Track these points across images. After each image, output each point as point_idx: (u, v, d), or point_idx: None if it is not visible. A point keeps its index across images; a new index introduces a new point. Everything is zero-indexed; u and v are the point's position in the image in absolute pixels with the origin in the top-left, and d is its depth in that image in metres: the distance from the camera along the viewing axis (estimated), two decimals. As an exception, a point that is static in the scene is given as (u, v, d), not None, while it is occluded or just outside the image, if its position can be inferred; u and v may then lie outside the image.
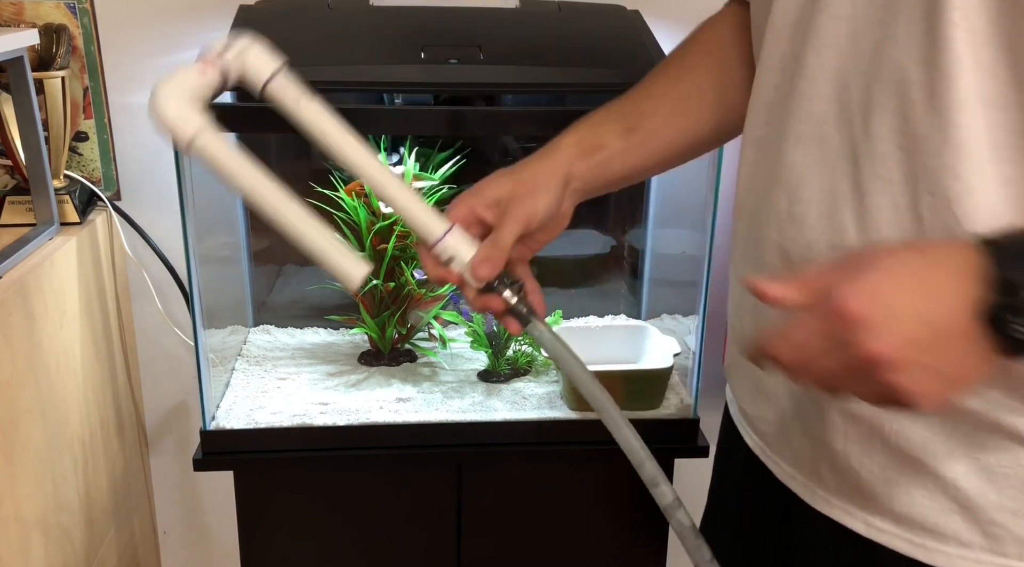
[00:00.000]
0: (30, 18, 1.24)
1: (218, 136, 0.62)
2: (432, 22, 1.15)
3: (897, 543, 0.62)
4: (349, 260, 0.64)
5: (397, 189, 0.68)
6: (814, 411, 0.65)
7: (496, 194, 0.68)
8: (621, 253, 1.43)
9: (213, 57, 0.64)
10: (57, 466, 1.15)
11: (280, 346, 1.33)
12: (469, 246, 0.67)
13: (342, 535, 1.19)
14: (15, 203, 1.23)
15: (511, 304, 0.68)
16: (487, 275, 0.66)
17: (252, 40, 0.65)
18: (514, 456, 1.15)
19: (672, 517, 0.66)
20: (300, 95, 0.64)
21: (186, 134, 0.61)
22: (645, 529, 1.23)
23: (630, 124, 0.74)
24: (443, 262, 0.68)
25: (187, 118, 0.61)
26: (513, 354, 1.24)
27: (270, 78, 0.64)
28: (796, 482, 0.69)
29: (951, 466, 0.59)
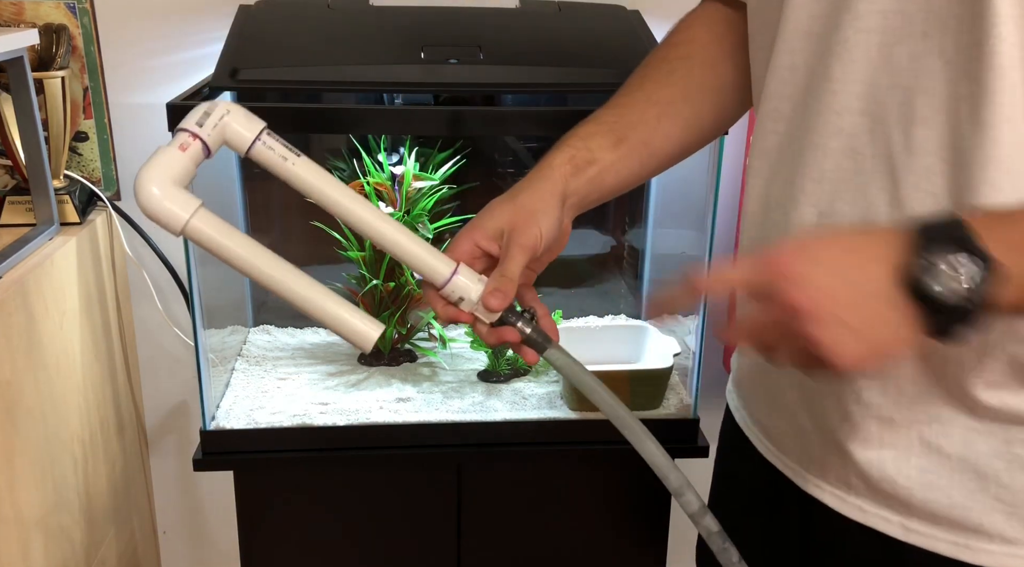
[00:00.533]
0: (30, 18, 1.24)
1: (209, 217, 0.62)
2: (432, 22, 1.15)
3: (939, 546, 0.62)
4: (362, 321, 0.64)
5: (398, 235, 0.66)
6: (841, 423, 0.65)
7: (497, 225, 0.68)
8: (621, 253, 1.43)
9: (192, 129, 0.62)
10: (57, 466, 1.15)
11: (280, 346, 1.33)
12: (477, 283, 0.66)
13: (342, 535, 1.19)
14: (15, 203, 1.23)
15: (526, 334, 0.67)
16: (499, 306, 0.65)
17: (229, 106, 0.63)
18: (514, 456, 1.15)
19: (699, 524, 0.66)
20: (287, 154, 0.63)
21: (178, 224, 0.61)
22: (645, 529, 1.23)
23: (618, 136, 0.74)
24: (453, 302, 0.67)
25: (175, 207, 0.60)
26: (513, 354, 1.24)
27: (253, 142, 0.63)
28: (823, 491, 0.69)
29: (991, 463, 0.60)
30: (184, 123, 0.62)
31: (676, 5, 0.82)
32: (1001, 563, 0.61)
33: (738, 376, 0.80)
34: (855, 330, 0.51)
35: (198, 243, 0.62)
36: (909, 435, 0.62)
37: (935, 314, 0.50)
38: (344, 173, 1.24)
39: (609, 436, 1.15)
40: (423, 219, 1.20)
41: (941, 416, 0.61)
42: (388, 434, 1.12)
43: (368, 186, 1.18)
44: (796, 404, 0.69)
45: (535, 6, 1.22)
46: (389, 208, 1.18)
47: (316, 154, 1.29)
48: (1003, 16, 0.52)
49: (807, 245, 0.53)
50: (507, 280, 0.65)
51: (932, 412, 0.61)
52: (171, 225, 0.61)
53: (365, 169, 1.19)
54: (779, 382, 0.70)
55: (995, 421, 0.59)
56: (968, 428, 0.60)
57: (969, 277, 0.49)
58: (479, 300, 0.66)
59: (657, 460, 0.64)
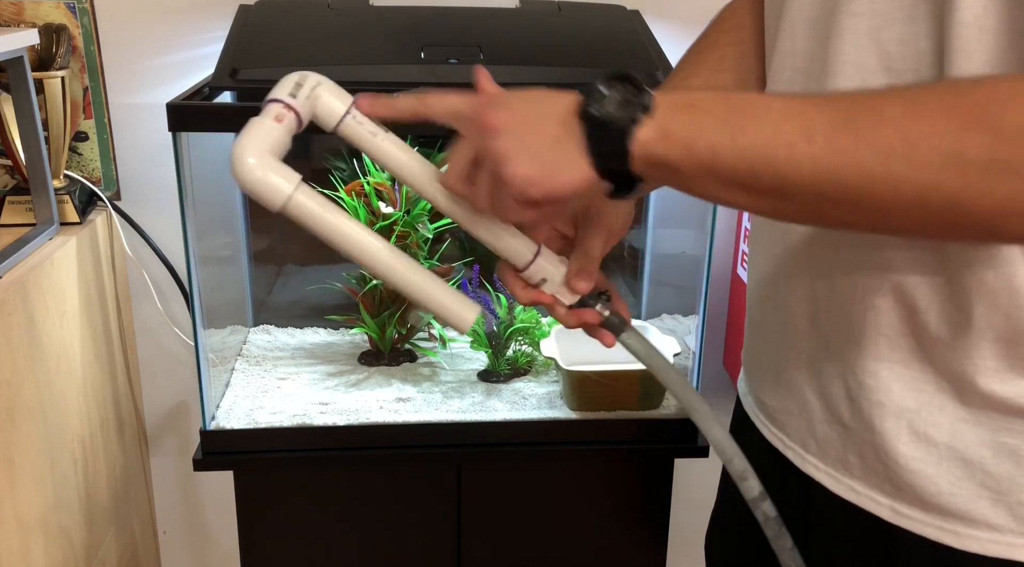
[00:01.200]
0: (30, 18, 1.24)
1: (309, 192, 0.59)
2: (432, 22, 1.15)
3: (926, 530, 0.63)
4: (461, 303, 0.64)
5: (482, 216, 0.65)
6: (844, 402, 0.66)
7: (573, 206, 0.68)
8: (621, 253, 1.43)
9: (286, 100, 0.59)
10: (57, 466, 1.15)
11: (280, 346, 1.33)
12: (558, 264, 0.66)
13: (342, 535, 1.19)
14: (15, 203, 1.23)
15: (605, 316, 0.67)
16: (586, 288, 0.66)
17: (320, 78, 0.62)
18: (514, 456, 1.15)
19: (758, 508, 0.67)
20: (376, 131, 0.62)
21: (280, 199, 0.58)
22: (645, 529, 1.23)
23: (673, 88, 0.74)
24: (534, 284, 0.67)
25: (279, 179, 0.58)
26: (513, 354, 1.24)
27: (343, 116, 0.61)
28: (820, 471, 0.70)
29: (979, 451, 0.60)
30: (276, 93, 0.60)
31: (676, 5, 0.82)
32: (987, 550, 0.61)
33: (748, 360, 0.81)
34: (530, 149, 0.55)
35: (298, 219, 0.59)
36: (900, 421, 0.63)
37: (591, 139, 0.55)
38: (344, 173, 1.24)
39: (609, 436, 1.16)
40: (423, 219, 1.20)
41: (930, 403, 0.61)
42: (388, 434, 1.12)
43: (368, 186, 1.18)
44: (803, 381, 0.70)
45: (535, 6, 1.22)
46: (389, 208, 1.18)
47: (316, 154, 1.29)
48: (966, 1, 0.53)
49: (507, 90, 0.59)
50: (591, 260, 0.66)
51: (922, 399, 0.62)
52: (273, 200, 0.58)
53: (365, 169, 1.19)
54: (788, 359, 0.71)
55: (983, 410, 0.60)
56: (956, 416, 0.61)
57: (624, 108, 0.54)
58: (563, 282, 0.66)
59: (723, 444, 0.66)
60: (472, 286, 1.21)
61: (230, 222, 1.31)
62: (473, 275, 1.21)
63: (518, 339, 1.24)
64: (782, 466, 0.74)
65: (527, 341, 1.24)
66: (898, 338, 0.61)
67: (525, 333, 1.23)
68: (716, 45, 0.79)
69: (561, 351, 1.19)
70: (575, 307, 0.67)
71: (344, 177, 1.21)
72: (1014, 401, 0.59)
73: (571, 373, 1.14)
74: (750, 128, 0.51)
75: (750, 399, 0.81)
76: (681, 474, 1.23)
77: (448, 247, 1.27)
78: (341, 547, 1.19)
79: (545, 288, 0.67)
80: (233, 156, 0.57)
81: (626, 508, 1.22)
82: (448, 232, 1.25)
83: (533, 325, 1.23)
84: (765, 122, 0.51)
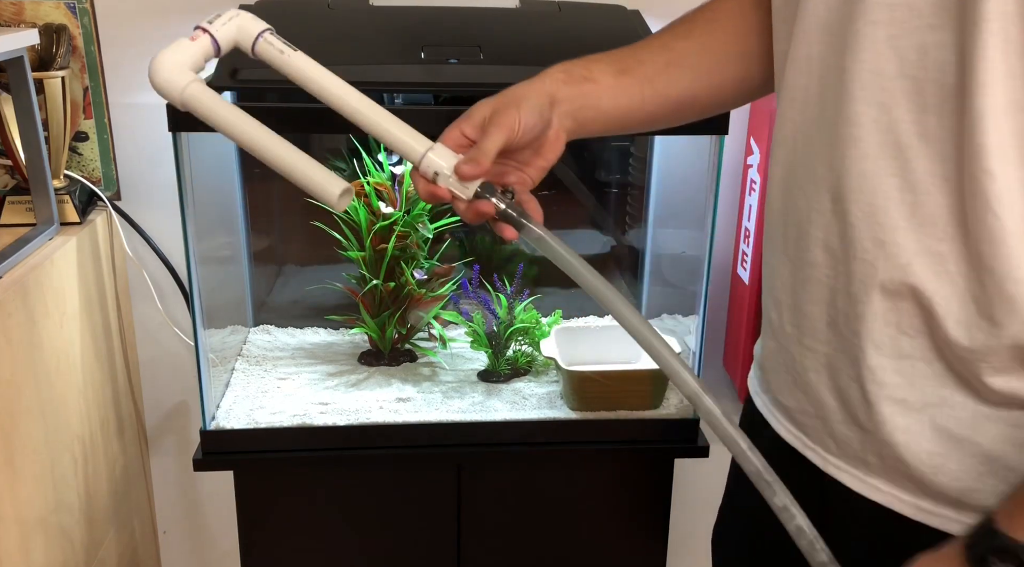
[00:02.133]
0: (30, 18, 1.24)
1: (205, 88, 0.71)
2: (432, 22, 1.15)
3: (950, 526, 0.64)
4: (329, 178, 0.70)
5: (381, 117, 0.71)
6: (863, 405, 0.67)
7: (481, 114, 0.71)
8: (621, 253, 1.43)
9: (203, 25, 0.71)
10: (57, 466, 1.15)
11: (280, 346, 1.33)
12: (451, 158, 0.69)
13: (342, 535, 1.19)
14: (15, 203, 1.23)
15: (500, 209, 0.69)
16: (470, 172, 0.68)
17: (238, 11, 0.73)
18: (514, 456, 1.15)
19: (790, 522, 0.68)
20: (284, 48, 0.72)
21: (177, 88, 0.70)
22: (645, 529, 1.23)
23: (622, 67, 0.76)
24: (430, 179, 0.70)
25: (177, 76, 0.70)
26: (513, 354, 1.24)
27: (257, 37, 0.72)
28: (841, 471, 0.70)
29: (1001, 447, 0.61)
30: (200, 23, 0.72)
31: (676, 5, 0.82)
32: None
33: (761, 360, 0.81)
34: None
35: (194, 110, 0.71)
36: (921, 417, 0.64)
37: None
38: (344, 173, 1.24)
39: (609, 436, 1.16)
40: (423, 219, 1.20)
41: (952, 399, 0.62)
42: (388, 434, 1.12)
43: (368, 186, 1.18)
44: (820, 382, 0.70)
45: (535, 6, 1.22)
46: (389, 208, 1.18)
47: (316, 154, 1.29)
48: (994, 11, 0.54)
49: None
50: (480, 152, 0.68)
51: (943, 394, 0.62)
52: (171, 93, 0.70)
53: (365, 169, 1.19)
54: (804, 362, 0.72)
55: (1004, 406, 0.61)
56: (977, 412, 0.62)
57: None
58: (452, 172, 0.69)
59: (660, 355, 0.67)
60: (472, 286, 1.21)
61: (230, 222, 1.31)
62: (473, 275, 1.21)
63: (518, 339, 1.24)
64: (796, 464, 0.74)
65: (527, 341, 1.24)
66: (918, 337, 0.62)
67: (525, 333, 1.23)
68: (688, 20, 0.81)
69: (561, 351, 1.19)
70: (473, 200, 0.69)
71: (344, 177, 1.21)
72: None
73: (571, 373, 1.14)
74: None
75: (766, 399, 0.81)
76: (681, 474, 1.23)
77: (448, 247, 1.27)
78: (341, 547, 1.19)
79: (439, 181, 0.70)
80: (151, 64, 0.71)
81: (626, 508, 1.22)
82: (448, 232, 1.25)
83: (533, 325, 1.23)
84: None
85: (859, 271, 0.64)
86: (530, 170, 0.74)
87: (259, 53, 0.73)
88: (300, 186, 0.71)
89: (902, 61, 0.59)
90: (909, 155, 0.60)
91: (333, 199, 0.69)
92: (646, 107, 0.78)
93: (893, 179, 0.61)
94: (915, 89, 0.59)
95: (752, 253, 1.33)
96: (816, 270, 0.68)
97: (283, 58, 0.72)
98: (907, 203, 0.60)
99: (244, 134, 0.71)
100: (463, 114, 0.73)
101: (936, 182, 0.59)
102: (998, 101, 0.55)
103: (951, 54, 0.57)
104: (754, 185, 1.30)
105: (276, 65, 0.73)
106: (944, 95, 0.58)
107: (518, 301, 1.22)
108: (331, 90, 0.72)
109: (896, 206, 0.61)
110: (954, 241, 0.59)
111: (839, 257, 0.65)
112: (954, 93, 0.57)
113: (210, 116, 0.70)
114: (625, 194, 1.39)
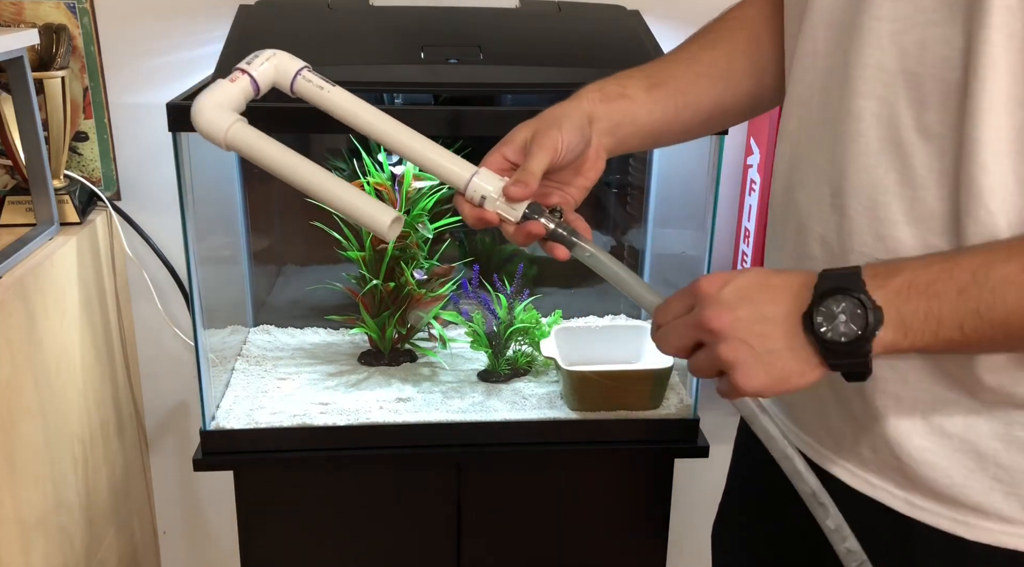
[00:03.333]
0: (30, 18, 1.24)
1: (250, 127, 0.71)
2: (432, 22, 1.15)
3: (941, 522, 0.64)
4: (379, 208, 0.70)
5: (424, 146, 0.71)
6: (858, 398, 0.67)
7: (523, 136, 0.70)
8: (621, 253, 1.43)
9: (242, 66, 0.72)
10: (57, 466, 1.15)
11: (280, 346, 1.33)
12: (498, 182, 0.69)
13: (342, 535, 1.19)
14: (15, 203, 1.23)
15: (551, 228, 0.69)
16: (519, 194, 0.67)
17: (275, 51, 0.74)
18: (514, 456, 1.15)
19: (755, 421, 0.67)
20: (323, 85, 0.72)
21: (221, 129, 0.70)
22: (645, 529, 1.23)
23: (655, 81, 0.76)
24: (477, 204, 0.69)
25: (220, 118, 0.70)
26: (513, 354, 1.24)
27: (296, 75, 0.72)
28: (835, 464, 0.71)
29: (991, 444, 0.61)
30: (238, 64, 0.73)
31: (676, 5, 0.83)
32: (999, 541, 0.62)
33: None
34: (761, 357, 0.57)
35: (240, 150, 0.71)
36: (913, 414, 0.64)
37: (828, 353, 0.56)
38: (344, 173, 1.24)
39: (609, 436, 1.16)
40: (423, 219, 1.20)
41: (944, 397, 0.63)
42: (388, 434, 1.12)
43: (368, 186, 1.18)
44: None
45: (535, 6, 1.22)
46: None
47: (316, 154, 1.29)
48: (999, 5, 0.54)
49: (729, 276, 0.59)
50: (527, 173, 0.68)
51: (935, 392, 0.63)
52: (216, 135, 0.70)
53: (365, 169, 1.19)
54: None
55: (995, 404, 0.61)
56: (969, 410, 0.62)
57: (855, 322, 0.55)
58: (500, 196, 0.68)
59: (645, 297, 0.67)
60: (472, 286, 1.21)
61: (230, 222, 1.31)
62: (473, 275, 1.21)
63: (518, 339, 1.24)
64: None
65: (527, 341, 1.24)
66: None
67: (525, 333, 1.23)
68: (712, 30, 0.81)
69: (561, 351, 1.19)
70: (522, 222, 0.69)
71: (344, 177, 1.21)
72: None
73: (571, 373, 1.14)
74: (989, 298, 0.53)
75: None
76: (681, 474, 1.23)
77: (448, 247, 1.27)
78: (341, 547, 1.19)
79: (487, 205, 0.69)
80: (192, 107, 0.71)
81: (626, 508, 1.22)
82: (448, 232, 1.25)
83: (533, 325, 1.23)
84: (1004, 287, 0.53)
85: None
86: (572, 190, 0.74)
87: (298, 91, 0.73)
88: (350, 218, 0.72)
89: (904, 56, 0.60)
90: (908, 150, 0.60)
91: (383, 228, 0.69)
92: (680, 119, 0.78)
93: (892, 174, 0.61)
94: (915, 84, 0.59)
95: (752, 253, 1.33)
96: (814, 264, 0.68)
97: (322, 94, 0.72)
98: (906, 198, 0.61)
99: (291, 170, 0.70)
100: (503, 139, 0.72)
101: (934, 177, 0.59)
102: (998, 97, 0.55)
103: (952, 50, 0.57)
104: (754, 185, 1.30)
105: (315, 101, 0.73)
106: (945, 91, 0.58)
107: (518, 301, 1.22)
108: (372, 123, 0.72)
109: (895, 201, 0.61)
110: (949, 236, 0.59)
111: (836, 252, 0.66)
112: (955, 89, 0.57)
113: (255, 155, 0.70)
114: (625, 194, 1.39)
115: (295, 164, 0.70)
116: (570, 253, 0.70)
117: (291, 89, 0.73)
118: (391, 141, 0.72)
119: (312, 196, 0.71)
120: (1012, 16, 0.54)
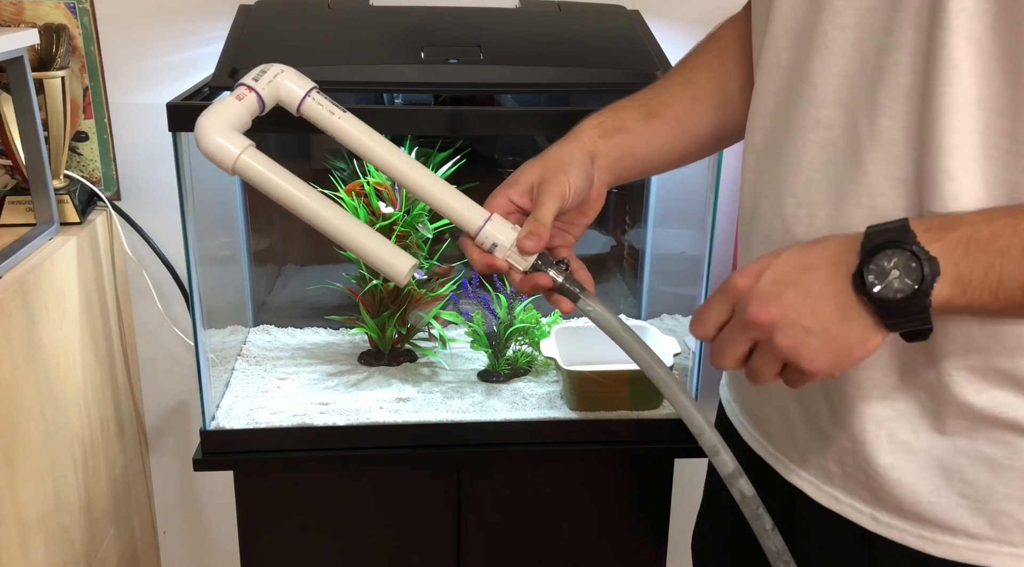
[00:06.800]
0: (30, 18, 1.24)
1: (257, 154, 0.67)
2: (432, 22, 1.15)
3: (906, 538, 0.64)
4: (397, 255, 0.68)
5: (435, 186, 0.70)
6: (826, 411, 0.67)
7: (528, 180, 0.70)
8: (621, 253, 1.43)
9: (248, 83, 0.68)
10: (57, 466, 1.15)
11: (280, 346, 1.33)
12: (510, 231, 0.69)
13: (342, 535, 1.19)
14: (15, 203, 1.23)
15: (558, 282, 0.69)
16: (533, 248, 0.67)
17: (283, 67, 0.70)
18: (514, 456, 1.15)
19: (733, 486, 0.68)
20: (333, 110, 0.69)
21: (229, 160, 0.66)
22: (645, 529, 1.23)
23: (651, 110, 0.76)
24: (487, 249, 0.69)
25: (229, 142, 0.66)
26: (513, 354, 1.24)
27: (304, 97, 0.69)
28: (802, 479, 0.70)
29: (957, 460, 0.61)
30: (242, 79, 0.69)
31: (676, 5, 0.83)
32: (965, 557, 0.62)
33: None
34: (819, 335, 0.55)
35: (248, 178, 0.67)
36: (880, 429, 0.63)
37: (884, 312, 0.53)
38: (344, 173, 1.24)
39: (609, 436, 1.16)
40: (423, 219, 1.20)
41: (909, 413, 0.62)
42: (388, 434, 1.12)
43: (368, 186, 1.18)
44: (785, 390, 0.70)
45: (535, 6, 1.22)
46: (389, 208, 1.18)
47: (316, 154, 1.30)
48: (955, 8, 0.53)
49: (762, 264, 0.57)
50: (539, 224, 0.67)
51: (902, 408, 0.62)
52: (224, 161, 0.66)
53: (365, 169, 1.19)
54: None
55: (960, 419, 0.60)
56: (934, 426, 0.61)
57: (909, 276, 0.52)
58: (512, 245, 0.68)
59: (694, 419, 0.66)
60: (472, 286, 1.21)
61: (230, 222, 1.31)
62: (473, 275, 1.21)
63: (518, 339, 1.24)
64: (766, 474, 0.74)
65: (527, 341, 1.24)
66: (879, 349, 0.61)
67: (525, 333, 1.23)
68: (702, 50, 0.81)
69: (561, 351, 1.19)
70: (530, 272, 0.69)
71: (344, 177, 1.21)
72: (989, 411, 0.59)
73: (571, 373, 1.14)
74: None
75: (735, 406, 0.81)
76: (681, 474, 1.23)
77: (448, 247, 1.27)
78: (341, 547, 1.19)
79: (497, 252, 0.69)
80: (196, 126, 0.66)
81: (626, 508, 1.22)
82: (448, 232, 1.25)
83: (533, 325, 1.23)
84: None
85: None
86: (574, 229, 0.74)
87: (305, 112, 0.70)
88: (365, 261, 0.69)
89: (863, 64, 0.59)
90: (864, 159, 0.60)
91: (401, 276, 0.68)
92: (678, 146, 0.78)
93: (851, 184, 0.60)
94: (870, 91, 0.59)
95: (752, 253, 1.33)
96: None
97: (332, 119, 0.69)
98: (865, 206, 0.60)
99: (305, 207, 0.67)
100: (507, 180, 0.72)
101: (892, 184, 0.59)
102: (960, 100, 0.54)
103: (905, 54, 0.57)
104: (754, 185, 1.30)
105: (323, 125, 0.70)
106: (897, 96, 0.57)
107: (518, 301, 1.23)
108: (383, 156, 0.70)
109: (856, 210, 0.60)
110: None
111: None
112: (908, 93, 0.57)
113: (267, 187, 0.67)
114: (625, 194, 1.39)
115: (310, 201, 0.67)
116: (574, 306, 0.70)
117: (297, 110, 0.70)
118: (401, 176, 0.70)
119: (327, 236, 0.68)
120: (970, 18, 0.53)
